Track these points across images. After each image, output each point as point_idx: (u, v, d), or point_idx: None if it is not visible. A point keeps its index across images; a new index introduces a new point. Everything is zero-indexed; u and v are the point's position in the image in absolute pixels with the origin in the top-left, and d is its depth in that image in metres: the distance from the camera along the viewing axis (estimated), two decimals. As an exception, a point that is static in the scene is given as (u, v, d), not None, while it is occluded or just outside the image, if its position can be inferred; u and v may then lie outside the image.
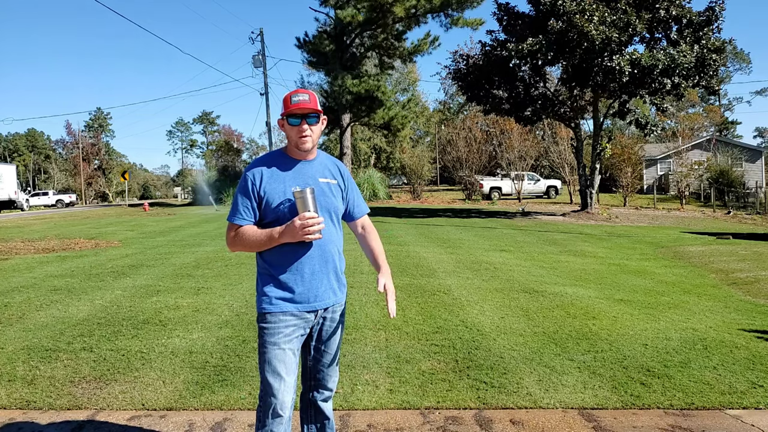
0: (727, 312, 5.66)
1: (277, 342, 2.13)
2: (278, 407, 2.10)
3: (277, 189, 2.16)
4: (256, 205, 2.16)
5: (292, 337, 2.16)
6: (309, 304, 2.19)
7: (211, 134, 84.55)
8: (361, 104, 25.18)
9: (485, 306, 5.56)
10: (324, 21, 27.47)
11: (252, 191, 2.15)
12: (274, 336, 2.13)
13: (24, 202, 38.35)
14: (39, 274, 7.52)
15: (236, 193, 2.20)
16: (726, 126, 61.06)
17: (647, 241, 12.67)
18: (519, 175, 31.86)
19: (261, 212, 2.17)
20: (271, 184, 2.16)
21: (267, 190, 2.15)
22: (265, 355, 2.14)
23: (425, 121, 51.69)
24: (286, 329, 2.15)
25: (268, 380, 2.11)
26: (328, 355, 2.31)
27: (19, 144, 76.26)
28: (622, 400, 3.35)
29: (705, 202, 30.38)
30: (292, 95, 2.17)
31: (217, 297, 5.90)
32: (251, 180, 2.16)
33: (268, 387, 2.11)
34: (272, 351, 2.13)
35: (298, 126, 2.16)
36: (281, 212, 2.15)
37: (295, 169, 2.21)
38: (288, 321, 2.15)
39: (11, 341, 4.41)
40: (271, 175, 2.18)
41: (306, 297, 2.18)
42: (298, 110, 2.14)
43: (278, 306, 2.16)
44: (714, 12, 17.15)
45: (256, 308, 2.22)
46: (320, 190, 2.20)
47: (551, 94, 20.44)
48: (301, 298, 2.17)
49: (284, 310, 2.16)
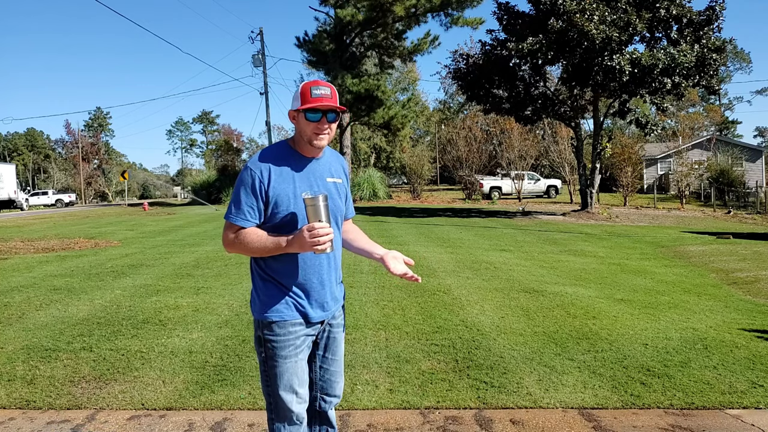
0: (727, 312, 5.65)
1: (287, 355, 1.98)
2: (294, 418, 2.01)
3: (286, 190, 1.95)
4: (262, 206, 1.94)
5: (302, 347, 2.02)
6: (318, 314, 2.04)
7: (210, 134, 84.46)
8: (361, 104, 25.16)
9: (485, 306, 5.55)
10: (324, 20, 27.47)
11: (259, 190, 1.92)
12: (285, 349, 1.98)
13: (23, 202, 38.32)
14: (38, 273, 7.51)
15: (238, 189, 1.95)
16: (726, 125, 61.07)
17: (647, 241, 12.67)
18: (519, 174, 31.85)
19: (266, 214, 1.96)
20: (280, 183, 1.94)
21: (276, 190, 1.93)
22: (276, 369, 1.98)
23: (425, 120, 51.66)
24: (296, 341, 1.99)
25: (280, 395, 1.98)
26: (336, 363, 2.18)
27: (19, 143, 76.20)
28: (622, 400, 3.35)
29: (705, 201, 30.37)
30: (312, 87, 1.94)
31: (216, 297, 5.89)
32: (258, 177, 1.92)
33: (282, 402, 1.99)
34: (283, 365, 1.98)
35: (317, 122, 1.93)
36: (288, 217, 1.95)
37: (304, 168, 2.01)
38: (298, 332, 2.00)
39: (11, 341, 4.41)
40: (279, 173, 1.95)
41: (314, 306, 2.03)
42: (320, 106, 1.92)
43: (287, 315, 1.98)
44: (714, 11, 17.15)
45: (257, 315, 2.02)
46: (330, 194, 2.01)
47: (551, 94, 20.43)
48: (309, 308, 2.01)
49: (294, 319, 1.98)
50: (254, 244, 1.93)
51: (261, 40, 31.46)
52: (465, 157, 34.83)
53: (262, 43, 31.17)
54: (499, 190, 31.69)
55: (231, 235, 1.96)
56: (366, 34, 26.66)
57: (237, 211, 1.94)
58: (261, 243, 1.93)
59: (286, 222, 1.96)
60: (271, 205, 1.95)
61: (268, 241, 1.92)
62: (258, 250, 1.95)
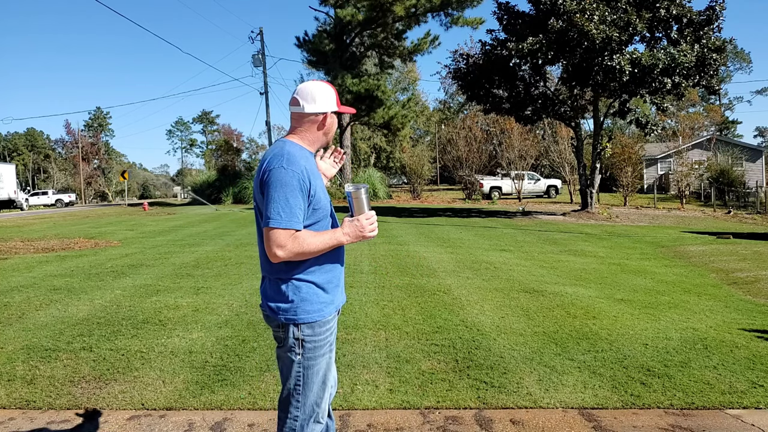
0: (727, 312, 5.65)
1: (326, 352, 2.01)
2: (321, 415, 2.05)
3: (320, 186, 2.00)
4: (306, 207, 1.94)
5: (334, 340, 2.07)
6: (340, 302, 2.11)
7: (210, 133, 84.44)
8: (361, 103, 25.17)
9: (485, 306, 5.55)
10: (324, 20, 27.51)
11: (305, 191, 1.91)
12: (324, 346, 2.00)
13: (23, 202, 38.33)
14: (38, 273, 7.51)
15: (285, 192, 1.86)
16: (726, 125, 61.08)
17: (647, 241, 12.67)
18: (519, 174, 31.86)
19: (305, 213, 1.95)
20: (315, 181, 1.97)
21: (317, 189, 1.96)
22: (315, 367, 1.98)
23: (425, 120, 51.68)
24: (331, 336, 2.03)
25: (315, 392, 2.01)
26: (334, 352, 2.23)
27: (19, 143, 76.19)
28: (622, 400, 3.35)
29: (705, 201, 30.37)
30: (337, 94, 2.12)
31: (216, 297, 5.89)
32: (303, 177, 1.90)
33: (315, 398, 2.01)
34: (322, 362, 2.00)
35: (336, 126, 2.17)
36: (324, 212, 2.01)
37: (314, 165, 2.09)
38: (333, 326, 2.04)
39: (11, 341, 4.40)
40: (313, 171, 1.99)
41: (341, 295, 2.10)
42: (347, 113, 2.18)
43: (327, 312, 2.00)
44: (714, 11, 17.14)
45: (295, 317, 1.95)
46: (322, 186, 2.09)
47: (551, 94, 20.43)
48: (338, 299, 2.07)
49: (331, 315, 2.02)
50: (315, 245, 1.90)
51: (261, 40, 31.50)
52: (465, 157, 34.83)
53: (262, 43, 31.21)
54: (499, 190, 31.70)
55: (287, 241, 1.87)
56: (366, 34, 26.68)
57: (290, 214, 1.86)
58: (321, 242, 1.92)
59: (322, 217, 2.01)
60: (312, 203, 1.96)
61: (326, 238, 1.93)
62: (318, 250, 1.92)
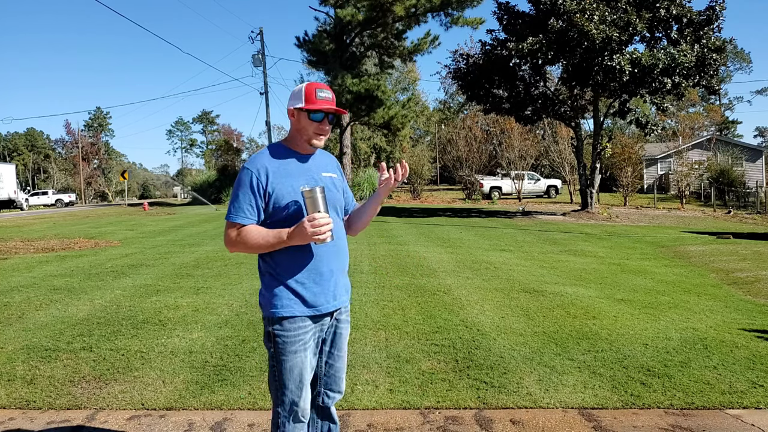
0: (727, 312, 5.65)
1: (297, 350, 2.01)
2: (300, 414, 2.05)
3: (285, 186, 2.01)
4: (262, 204, 2.00)
5: (310, 342, 2.05)
6: (328, 305, 2.07)
7: (210, 133, 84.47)
8: (361, 103, 25.14)
9: (485, 306, 5.55)
10: (324, 20, 27.47)
11: (257, 188, 1.99)
12: (295, 344, 2.01)
13: (23, 202, 38.34)
14: (38, 273, 7.51)
15: (237, 189, 2.02)
16: (726, 125, 61.07)
17: (647, 241, 12.67)
18: (519, 174, 31.86)
19: (267, 211, 2.02)
20: (278, 180, 2.01)
21: (275, 187, 2.00)
22: (286, 363, 2.02)
23: (425, 120, 51.68)
24: (305, 335, 2.03)
25: (290, 389, 2.03)
26: (341, 359, 2.21)
27: (19, 143, 76.19)
28: (622, 400, 3.34)
29: (705, 201, 30.37)
30: (317, 89, 2.05)
31: (216, 297, 5.89)
32: (256, 175, 1.99)
33: (291, 395, 2.03)
34: (293, 359, 2.01)
35: (319, 123, 2.05)
36: (290, 211, 2.01)
37: (300, 165, 2.09)
38: (307, 327, 2.03)
39: (11, 341, 4.40)
40: (276, 170, 2.02)
41: (325, 298, 2.06)
42: (326, 108, 2.04)
43: (297, 310, 2.01)
44: (714, 11, 17.15)
45: (266, 312, 2.05)
46: (326, 186, 2.07)
47: (551, 94, 20.43)
48: (320, 300, 2.05)
49: (304, 314, 2.02)
50: (256, 240, 1.98)
51: (261, 40, 31.50)
52: (465, 157, 34.84)
53: (262, 43, 31.20)
54: (499, 190, 31.70)
55: (233, 233, 2.01)
56: (366, 34, 26.66)
57: (237, 209, 2.00)
58: (262, 238, 1.98)
59: (290, 217, 2.01)
60: (271, 202, 2.01)
61: (270, 236, 1.97)
62: (261, 246, 1.99)
